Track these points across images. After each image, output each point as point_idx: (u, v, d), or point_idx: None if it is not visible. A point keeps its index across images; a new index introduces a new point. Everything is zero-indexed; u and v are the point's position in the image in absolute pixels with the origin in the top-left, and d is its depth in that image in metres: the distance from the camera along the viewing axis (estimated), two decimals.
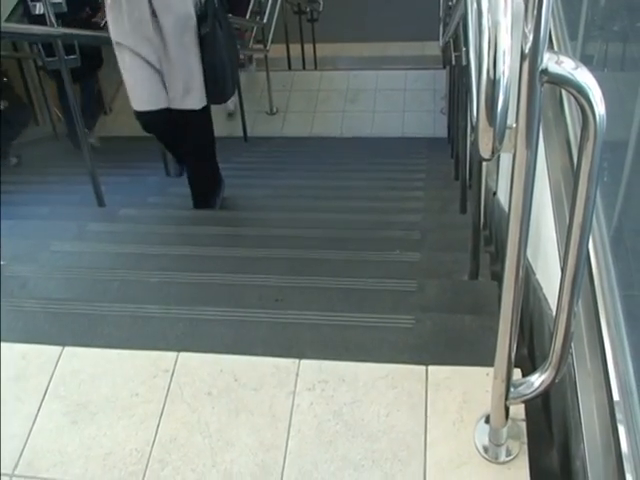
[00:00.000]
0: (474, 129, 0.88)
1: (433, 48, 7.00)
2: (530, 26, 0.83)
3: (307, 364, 1.56)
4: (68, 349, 1.65)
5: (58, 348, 1.66)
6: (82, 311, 1.90)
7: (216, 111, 3.56)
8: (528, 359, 1.78)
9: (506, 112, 0.82)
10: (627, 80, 1.65)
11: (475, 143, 0.86)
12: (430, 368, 1.52)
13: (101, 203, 3.41)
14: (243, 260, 2.52)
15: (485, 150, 0.84)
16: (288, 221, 3.17)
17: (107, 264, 2.54)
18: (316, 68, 7.73)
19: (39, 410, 1.54)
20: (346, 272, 2.35)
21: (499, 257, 2.61)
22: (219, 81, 3.06)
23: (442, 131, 6.30)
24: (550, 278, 1.67)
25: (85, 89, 5.64)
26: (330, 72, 7.36)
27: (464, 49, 2.78)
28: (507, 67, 0.81)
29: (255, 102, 6.96)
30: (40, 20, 3.27)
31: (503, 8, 0.81)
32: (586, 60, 1.89)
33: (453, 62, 3.50)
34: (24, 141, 5.52)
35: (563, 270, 1.05)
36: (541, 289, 1.76)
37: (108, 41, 3.05)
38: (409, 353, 1.65)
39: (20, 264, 2.50)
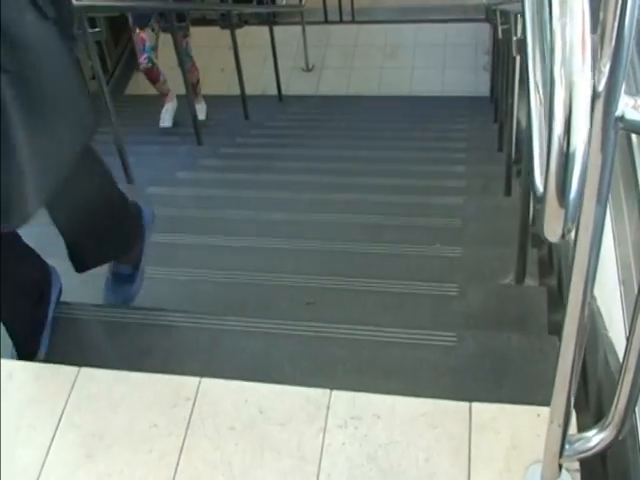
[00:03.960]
0: (537, 199, 0.71)
1: None
2: (607, 64, 0.66)
3: (339, 396, 1.43)
4: (84, 370, 1.54)
5: (74, 369, 1.55)
6: (96, 318, 1.79)
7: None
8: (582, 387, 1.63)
9: (582, 191, 0.66)
10: None
11: (539, 222, 0.69)
12: (474, 405, 1.37)
13: (129, 180, 3.25)
14: (271, 252, 2.37)
15: (552, 235, 0.68)
16: (319, 204, 2.99)
17: None
18: (353, 20, 7.41)
19: (53, 440, 1.44)
20: (381, 269, 2.21)
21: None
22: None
23: (484, 88, 6.02)
24: (605, 291, 1.50)
25: None
26: (368, 26, 7.08)
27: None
28: (585, 135, 0.64)
29: (290, 58, 6.72)
30: None
31: (581, 58, 0.63)
32: None
33: (500, 35, 3.25)
34: None
35: (632, 324, 0.89)
36: (595, 300, 1.59)
37: None
38: (451, 380, 1.52)
39: None
